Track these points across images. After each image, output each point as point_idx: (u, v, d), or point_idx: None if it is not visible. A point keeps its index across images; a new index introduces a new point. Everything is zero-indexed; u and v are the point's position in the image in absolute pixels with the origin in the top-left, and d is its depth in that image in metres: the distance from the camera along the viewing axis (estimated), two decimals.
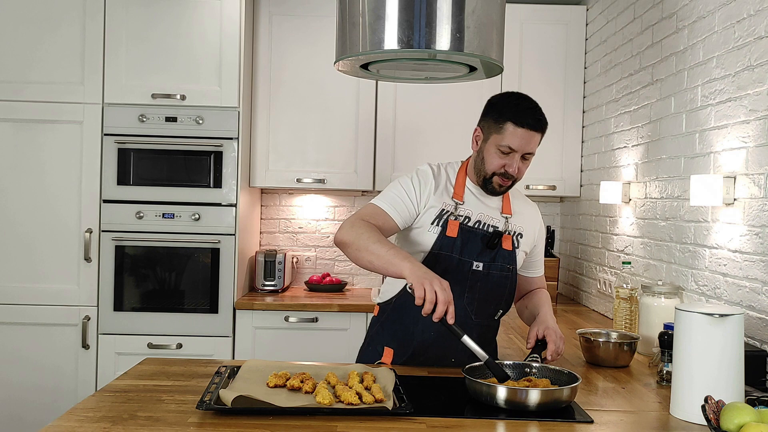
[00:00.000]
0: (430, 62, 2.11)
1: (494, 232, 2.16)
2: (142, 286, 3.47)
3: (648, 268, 2.91)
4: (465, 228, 2.15)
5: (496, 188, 2.15)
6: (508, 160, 2.09)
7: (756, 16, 2.18)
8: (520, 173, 2.13)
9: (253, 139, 3.77)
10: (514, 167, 2.10)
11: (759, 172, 2.14)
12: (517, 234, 2.22)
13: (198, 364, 2.09)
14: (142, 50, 3.47)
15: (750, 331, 2.15)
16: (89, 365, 3.44)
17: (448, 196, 2.17)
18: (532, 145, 2.09)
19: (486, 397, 1.71)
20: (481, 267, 2.14)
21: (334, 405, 1.65)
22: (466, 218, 2.16)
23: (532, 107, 2.10)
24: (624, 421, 1.70)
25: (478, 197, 2.20)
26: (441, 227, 2.13)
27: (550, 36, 3.85)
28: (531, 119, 2.06)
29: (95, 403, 1.69)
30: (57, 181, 3.44)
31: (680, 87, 2.67)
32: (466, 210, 2.17)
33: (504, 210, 2.21)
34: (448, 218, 2.14)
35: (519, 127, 2.06)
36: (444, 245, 2.12)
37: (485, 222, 2.18)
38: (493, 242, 2.15)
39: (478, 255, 2.14)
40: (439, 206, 2.15)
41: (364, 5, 1.95)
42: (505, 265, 2.17)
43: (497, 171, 2.11)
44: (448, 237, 2.12)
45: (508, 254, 2.18)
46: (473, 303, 2.15)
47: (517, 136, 2.06)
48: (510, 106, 2.09)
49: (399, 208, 2.12)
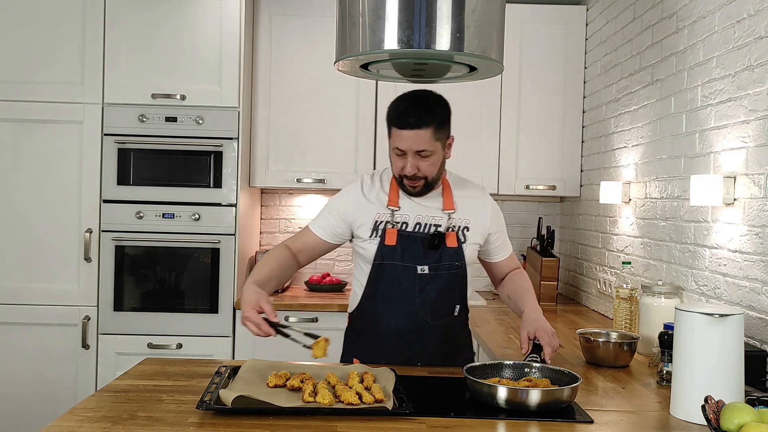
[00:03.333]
0: (430, 62, 2.12)
1: (434, 234, 2.16)
2: (142, 286, 3.47)
3: (648, 268, 2.91)
4: (403, 234, 2.16)
5: (409, 190, 2.17)
6: (403, 161, 2.12)
7: (756, 16, 2.18)
8: (423, 172, 2.13)
9: (253, 139, 3.77)
10: (408, 167, 2.11)
11: (759, 172, 2.14)
12: (462, 228, 2.21)
13: (198, 364, 2.09)
14: (142, 50, 3.47)
15: (750, 331, 2.15)
16: (89, 365, 3.44)
17: (382, 205, 2.19)
18: (420, 143, 2.09)
19: (486, 397, 1.71)
20: (427, 270, 2.15)
21: (334, 405, 1.65)
22: (403, 224, 2.17)
23: (409, 107, 2.11)
24: (624, 421, 1.70)
25: (415, 200, 2.20)
26: (380, 237, 2.16)
27: (550, 36, 3.85)
28: (411, 118, 2.08)
29: (95, 403, 1.69)
30: (57, 181, 3.44)
31: (680, 87, 2.67)
32: (402, 216, 2.18)
33: (446, 206, 2.21)
34: (385, 227, 2.16)
35: (401, 130, 2.09)
36: (385, 254, 2.15)
37: (425, 223, 2.18)
38: (434, 243, 2.15)
39: (421, 258, 2.15)
40: (373, 217, 2.18)
41: (364, 5, 1.95)
42: (452, 263, 2.17)
43: (400, 173, 2.15)
44: (388, 246, 2.14)
45: (454, 252, 2.18)
46: (426, 306, 2.16)
47: (401, 138, 2.10)
48: (392, 111, 2.14)
49: (324, 226, 2.22)
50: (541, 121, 3.87)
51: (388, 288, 2.16)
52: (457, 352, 2.26)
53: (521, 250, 4.22)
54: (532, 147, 3.87)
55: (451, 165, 3.77)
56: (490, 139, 3.85)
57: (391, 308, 2.17)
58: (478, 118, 3.84)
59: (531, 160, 3.86)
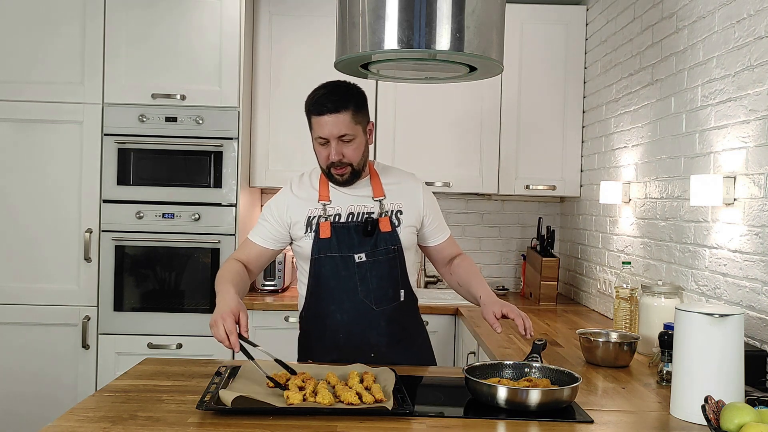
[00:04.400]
0: (430, 62, 2.11)
1: (366, 220, 2.19)
2: (142, 286, 3.47)
3: (648, 268, 2.91)
4: (337, 225, 2.19)
5: (337, 179, 2.19)
6: (327, 149, 2.15)
7: (756, 16, 2.18)
8: (349, 157, 2.15)
9: (253, 139, 3.77)
10: (336, 154, 2.13)
11: (759, 172, 2.14)
12: (394, 212, 2.23)
13: (198, 364, 2.09)
14: (142, 50, 3.47)
15: (750, 331, 2.15)
16: (89, 365, 3.44)
17: (313, 201, 2.22)
18: (340, 127, 2.12)
19: (486, 397, 1.71)
20: (365, 257, 2.18)
21: (334, 405, 1.65)
22: (336, 216, 2.20)
23: (326, 93, 2.14)
24: (624, 421, 1.70)
25: (345, 192, 2.23)
26: (314, 232, 2.19)
27: (550, 36, 3.85)
28: (328, 103, 2.11)
29: (95, 403, 1.69)
30: (57, 181, 3.45)
31: (680, 87, 2.67)
32: (335, 208, 2.21)
33: (375, 194, 2.23)
34: (319, 221, 2.18)
35: (319, 116, 2.12)
36: (322, 247, 2.18)
37: (358, 212, 2.21)
38: (367, 229, 2.18)
39: (357, 247, 2.18)
40: (306, 213, 2.20)
41: (364, 5, 1.94)
42: (389, 247, 2.20)
43: (326, 163, 2.17)
44: (323, 239, 2.17)
45: (389, 236, 2.20)
46: (369, 294, 2.19)
47: (322, 125, 2.12)
48: (309, 101, 2.17)
49: (262, 234, 2.25)
50: (541, 121, 3.87)
51: (330, 281, 2.19)
52: (410, 340, 2.28)
53: (521, 250, 4.22)
54: (532, 147, 3.87)
55: (452, 165, 3.79)
56: (490, 139, 3.85)
57: (336, 301, 2.20)
58: (478, 118, 3.84)
59: (531, 160, 3.86)
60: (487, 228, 4.21)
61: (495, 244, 4.21)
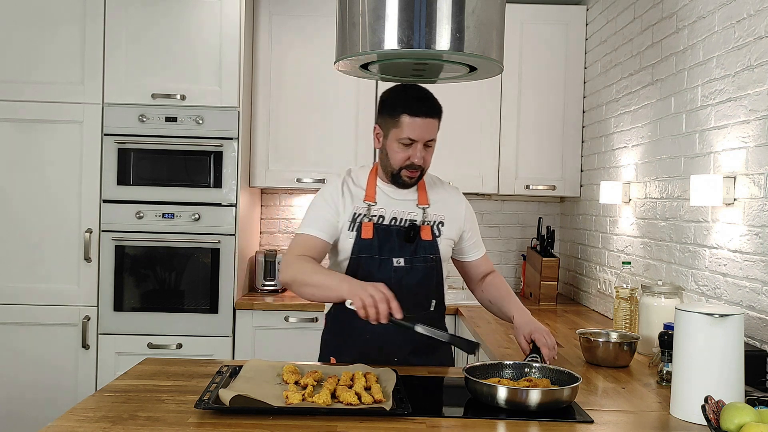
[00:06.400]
0: (430, 62, 2.11)
1: (410, 225, 2.18)
2: (142, 286, 3.47)
3: (648, 268, 2.91)
4: (380, 227, 2.17)
5: (406, 181, 2.17)
6: (411, 151, 2.11)
7: (756, 16, 2.18)
8: (425, 162, 2.15)
9: (253, 139, 3.77)
10: (418, 157, 2.11)
11: (759, 172, 2.14)
12: (437, 223, 2.22)
13: (198, 364, 2.09)
14: (142, 50, 3.47)
15: (750, 331, 2.15)
16: (89, 365, 3.44)
17: (359, 200, 2.19)
18: (430, 132, 2.11)
19: (486, 397, 1.71)
20: (403, 262, 2.16)
21: (333, 405, 1.65)
22: (379, 218, 2.18)
23: (422, 96, 2.12)
24: (624, 421, 1.70)
25: (391, 195, 2.21)
26: (356, 231, 2.16)
27: (550, 36, 3.85)
28: (424, 107, 2.09)
29: (95, 403, 1.69)
30: (57, 181, 3.44)
31: (680, 87, 2.67)
32: (379, 210, 2.19)
33: (420, 201, 2.22)
34: (362, 221, 2.16)
35: (415, 117, 2.08)
36: (362, 248, 2.15)
37: (401, 217, 2.19)
38: (409, 235, 2.17)
39: (397, 251, 2.16)
40: (351, 212, 2.17)
41: (364, 5, 1.94)
42: (427, 256, 2.19)
43: (403, 164, 2.14)
44: (365, 239, 2.15)
45: (429, 245, 2.19)
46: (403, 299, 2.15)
47: (414, 126, 2.09)
48: (402, 99, 2.13)
49: (322, 227, 2.17)
50: (541, 121, 3.87)
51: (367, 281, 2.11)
52: (433, 348, 2.24)
53: (521, 250, 4.22)
54: (532, 147, 3.87)
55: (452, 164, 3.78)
56: (490, 139, 3.85)
57: None
58: (478, 118, 3.84)
59: (531, 160, 3.86)
60: (487, 228, 4.20)
61: (495, 244, 4.21)
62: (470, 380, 1.75)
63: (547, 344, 2.03)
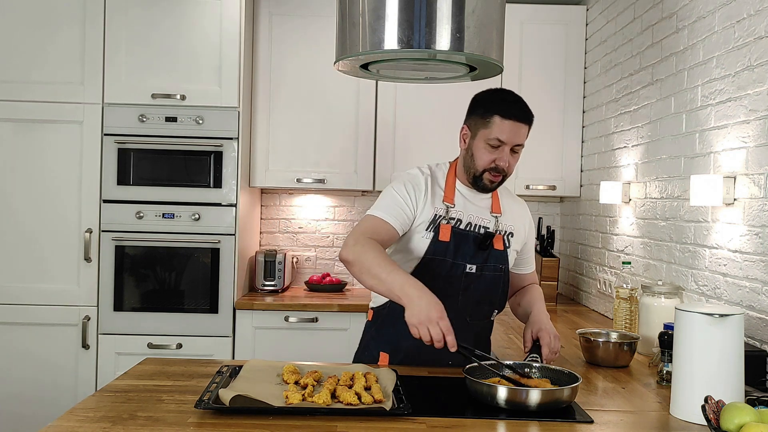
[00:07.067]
0: (430, 62, 2.12)
1: (486, 233, 2.17)
2: (142, 286, 3.47)
3: (648, 268, 2.91)
4: (457, 231, 2.15)
5: (487, 185, 2.15)
6: (498, 153, 2.10)
7: (756, 16, 2.18)
8: (510, 168, 2.13)
9: (253, 139, 3.77)
10: (504, 160, 2.10)
11: (759, 172, 2.14)
12: (508, 233, 2.22)
13: (198, 364, 2.09)
14: (142, 50, 3.47)
15: (750, 331, 2.15)
16: (89, 365, 3.44)
17: (439, 200, 2.16)
18: (520, 136, 2.10)
19: (486, 397, 1.71)
20: (474, 269, 2.14)
21: (333, 405, 1.65)
22: (457, 221, 2.16)
23: (516, 100, 2.12)
24: (624, 421, 1.70)
25: (468, 198, 2.19)
26: (434, 232, 2.13)
27: (550, 36, 3.85)
28: (517, 111, 2.08)
29: (95, 403, 1.69)
30: (57, 181, 3.44)
31: (680, 87, 2.67)
32: (457, 212, 2.17)
33: (494, 209, 2.21)
34: (440, 222, 2.14)
35: (506, 119, 2.07)
36: (437, 250, 2.12)
37: (476, 223, 2.18)
38: (485, 243, 2.15)
39: (471, 257, 2.14)
40: (431, 211, 2.14)
41: (364, 5, 1.94)
42: (497, 265, 2.18)
43: (487, 167, 2.12)
44: (441, 241, 2.12)
45: (500, 254, 2.18)
46: (468, 305, 2.15)
47: (505, 128, 2.07)
48: (496, 101, 2.12)
49: (397, 215, 2.11)
50: (541, 121, 3.83)
51: (435, 283, 2.03)
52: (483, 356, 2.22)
53: None
54: (532, 147, 3.85)
55: None
56: None
57: None
58: None
59: (531, 160, 3.86)
60: None
61: None
62: (470, 380, 1.75)
63: (549, 344, 2.03)
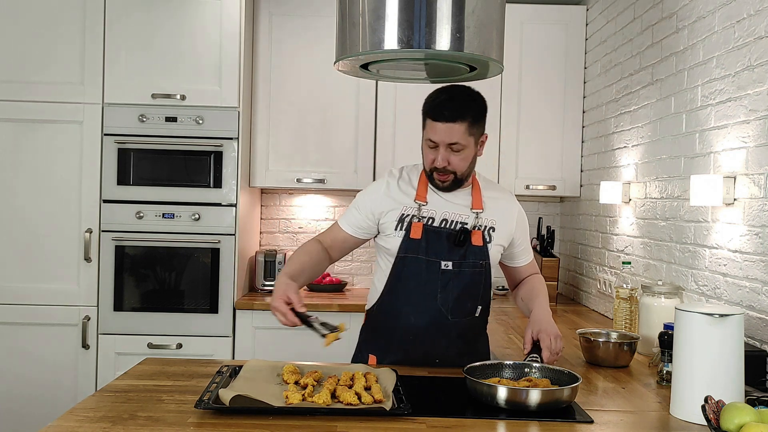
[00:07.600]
0: (430, 62, 2.11)
1: (461, 229, 2.17)
2: (142, 286, 3.47)
3: (648, 268, 2.91)
4: (429, 229, 2.16)
5: (438, 184, 2.17)
6: (435, 154, 2.13)
7: (756, 16, 2.18)
8: (454, 166, 2.13)
9: (253, 139, 3.77)
10: (442, 160, 2.11)
11: (759, 172, 2.14)
12: (488, 228, 2.21)
13: (198, 364, 2.09)
14: (142, 50, 3.47)
15: (750, 331, 2.15)
16: (89, 365, 3.44)
17: (409, 199, 2.19)
18: (453, 136, 2.09)
19: (486, 397, 1.71)
20: (451, 266, 2.15)
21: (333, 405, 1.66)
22: (429, 219, 2.17)
23: (449, 99, 2.12)
24: (624, 421, 1.70)
25: (444, 197, 2.20)
26: (405, 230, 2.16)
27: (550, 36, 3.85)
28: (446, 111, 2.09)
29: (95, 403, 1.69)
30: (57, 181, 3.44)
31: (680, 87, 2.67)
32: (429, 211, 2.18)
33: (474, 205, 2.21)
34: (411, 221, 2.16)
35: (436, 121, 2.10)
36: (409, 248, 2.15)
37: (453, 220, 2.18)
38: (459, 240, 2.15)
39: (446, 254, 2.15)
40: (399, 210, 2.17)
41: (364, 5, 1.94)
42: (477, 261, 2.17)
43: (430, 166, 2.15)
44: (413, 239, 2.14)
45: (479, 250, 2.18)
46: (447, 303, 2.16)
47: (435, 130, 2.10)
48: (429, 103, 2.15)
49: (349, 221, 2.25)
50: (541, 121, 3.87)
51: (411, 282, 2.15)
52: (475, 353, 2.23)
53: None
54: (532, 147, 3.87)
55: None
56: (490, 138, 3.82)
57: (413, 303, 2.16)
58: None
59: (531, 160, 3.86)
60: None
61: None
62: (470, 380, 1.75)
63: (549, 347, 2.02)
